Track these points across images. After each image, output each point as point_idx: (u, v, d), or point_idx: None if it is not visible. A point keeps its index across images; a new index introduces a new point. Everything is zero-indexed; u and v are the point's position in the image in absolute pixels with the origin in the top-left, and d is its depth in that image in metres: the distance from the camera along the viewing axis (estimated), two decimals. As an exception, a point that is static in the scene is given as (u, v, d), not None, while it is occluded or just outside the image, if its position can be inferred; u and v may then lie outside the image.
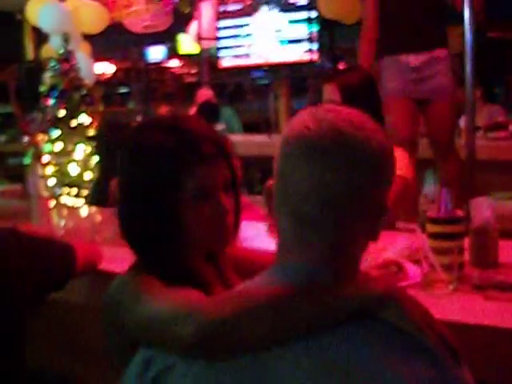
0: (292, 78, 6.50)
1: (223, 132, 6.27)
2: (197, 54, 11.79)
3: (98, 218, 2.71)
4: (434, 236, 1.77)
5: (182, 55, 12.89)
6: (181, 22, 7.31)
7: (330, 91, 2.57)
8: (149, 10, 5.93)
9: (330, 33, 5.53)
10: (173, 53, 13.95)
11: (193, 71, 14.81)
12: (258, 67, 6.02)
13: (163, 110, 6.57)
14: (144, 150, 1.32)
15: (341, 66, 2.85)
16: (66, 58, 3.87)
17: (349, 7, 5.38)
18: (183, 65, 15.02)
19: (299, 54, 5.67)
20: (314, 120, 1.01)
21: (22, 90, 7.99)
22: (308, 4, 5.53)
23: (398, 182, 2.39)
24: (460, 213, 1.81)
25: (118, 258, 1.69)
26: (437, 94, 3.50)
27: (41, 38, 6.38)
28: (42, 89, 3.91)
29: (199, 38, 6.55)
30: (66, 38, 3.92)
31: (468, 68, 3.32)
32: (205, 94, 6.52)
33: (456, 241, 1.74)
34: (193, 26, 6.62)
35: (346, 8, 5.43)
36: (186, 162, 1.28)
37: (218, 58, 6.14)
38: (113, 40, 9.19)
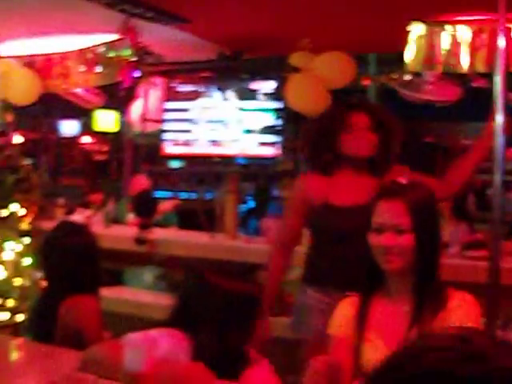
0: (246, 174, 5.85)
1: (158, 224, 5.50)
2: (113, 133, 11.12)
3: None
4: None
5: (95, 132, 12.18)
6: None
7: (394, 210, 2.00)
8: (87, 82, 5.16)
9: (295, 127, 4.90)
10: (86, 129, 13.26)
11: (104, 149, 14.36)
12: (207, 157, 5.31)
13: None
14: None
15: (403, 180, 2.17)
16: (3, 130, 3.04)
17: (319, 101, 4.82)
18: (95, 142, 14.43)
19: (258, 146, 5.05)
20: None
21: None
22: (273, 93, 4.95)
23: None
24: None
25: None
26: None
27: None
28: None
29: (144, 120, 5.80)
30: (6, 107, 3.09)
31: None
32: (140, 182, 5.76)
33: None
34: (136, 106, 5.87)
35: (315, 101, 4.86)
36: None
37: (160, 142, 5.42)
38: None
